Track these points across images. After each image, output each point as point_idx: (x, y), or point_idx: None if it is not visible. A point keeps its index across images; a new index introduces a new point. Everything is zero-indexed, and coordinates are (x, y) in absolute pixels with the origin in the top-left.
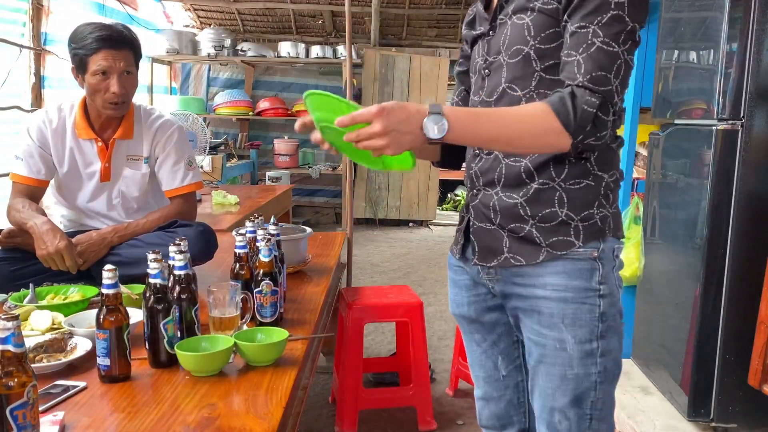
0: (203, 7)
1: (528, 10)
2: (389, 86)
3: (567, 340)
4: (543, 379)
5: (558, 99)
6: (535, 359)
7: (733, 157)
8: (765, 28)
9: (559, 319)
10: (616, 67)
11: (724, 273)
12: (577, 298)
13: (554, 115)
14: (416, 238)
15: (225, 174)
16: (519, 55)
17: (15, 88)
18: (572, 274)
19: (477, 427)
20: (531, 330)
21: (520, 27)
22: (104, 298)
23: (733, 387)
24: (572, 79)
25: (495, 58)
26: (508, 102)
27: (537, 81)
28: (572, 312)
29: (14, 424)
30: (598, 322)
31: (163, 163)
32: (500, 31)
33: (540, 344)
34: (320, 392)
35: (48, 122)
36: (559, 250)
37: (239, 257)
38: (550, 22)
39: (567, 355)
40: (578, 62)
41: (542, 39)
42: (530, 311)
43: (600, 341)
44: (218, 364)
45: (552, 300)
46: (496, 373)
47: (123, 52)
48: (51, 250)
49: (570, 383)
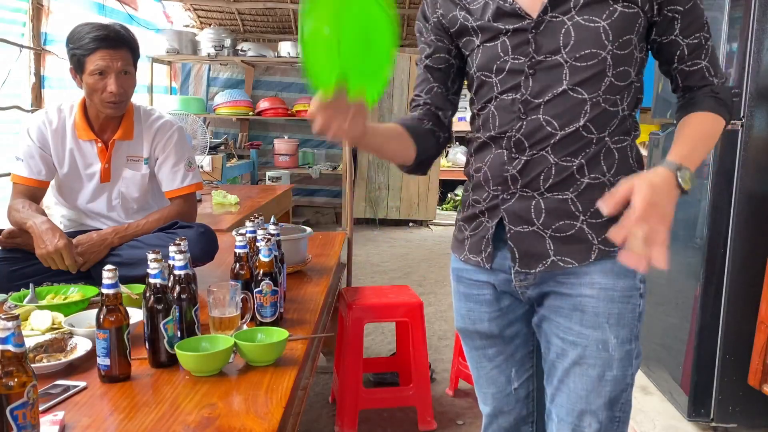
0: (203, 7)
1: (604, 13)
2: (389, 86)
3: (610, 341)
4: (576, 381)
5: (714, 101)
6: (571, 361)
7: (733, 157)
8: (765, 28)
9: (604, 319)
10: (716, 54)
11: (724, 273)
12: (623, 298)
13: (723, 120)
14: (416, 238)
15: (225, 174)
16: (594, 59)
17: (15, 88)
18: (620, 273)
19: (477, 427)
20: (567, 330)
21: (595, 30)
22: (104, 298)
23: (733, 387)
24: (708, 83)
25: (548, 57)
26: (569, 104)
27: (606, 86)
28: (618, 311)
29: (14, 424)
30: (637, 321)
31: (163, 164)
32: (553, 30)
33: (579, 345)
34: (320, 392)
35: (48, 123)
36: (611, 246)
37: (239, 257)
38: (629, 28)
39: (608, 356)
40: (707, 67)
41: (620, 45)
42: (571, 310)
43: (635, 342)
44: (218, 364)
45: (599, 299)
46: (507, 387)
47: (120, 52)
48: (50, 249)
49: (607, 385)
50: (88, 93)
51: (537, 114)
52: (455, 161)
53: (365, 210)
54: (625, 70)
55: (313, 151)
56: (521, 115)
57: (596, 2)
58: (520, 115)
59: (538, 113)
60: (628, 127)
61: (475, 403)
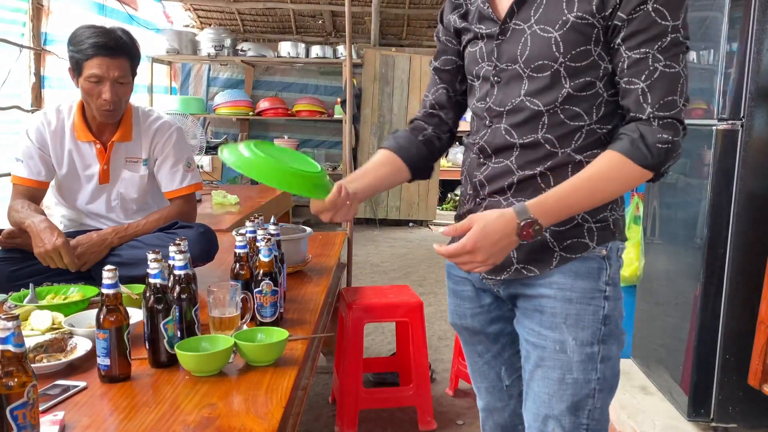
0: (203, 7)
1: (557, 24)
2: (389, 86)
3: (567, 342)
4: (539, 384)
5: (630, 144)
6: (533, 363)
7: (733, 157)
8: (765, 28)
9: (561, 320)
10: (680, 87)
11: (724, 273)
12: (582, 299)
13: (633, 162)
14: (416, 238)
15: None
16: (546, 70)
17: (15, 88)
18: (580, 273)
19: (477, 427)
20: (530, 332)
21: (546, 41)
22: (104, 298)
23: (733, 387)
24: (640, 111)
25: (509, 66)
26: (527, 115)
27: (564, 97)
28: (575, 312)
29: (14, 424)
30: (600, 324)
31: (162, 164)
32: (515, 38)
33: (539, 346)
34: (320, 392)
35: (47, 124)
36: (573, 253)
37: (239, 257)
38: (582, 39)
39: (567, 358)
40: (643, 91)
41: (573, 56)
42: (532, 311)
43: (601, 345)
44: (218, 364)
45: (556, 299)
46: (499, 383)
47: (118, 61)
48: (48, 247)
49: (568, 388)
50: (83, 97)
51: (500, 123)
52: (455, 161)
53: (365, 210)
54: (586, 81)
55: (313, 151)
56: (487, 123)
57: (553, 11)
58: (486, 122)
59: (501, 122)
60: (602, 141)
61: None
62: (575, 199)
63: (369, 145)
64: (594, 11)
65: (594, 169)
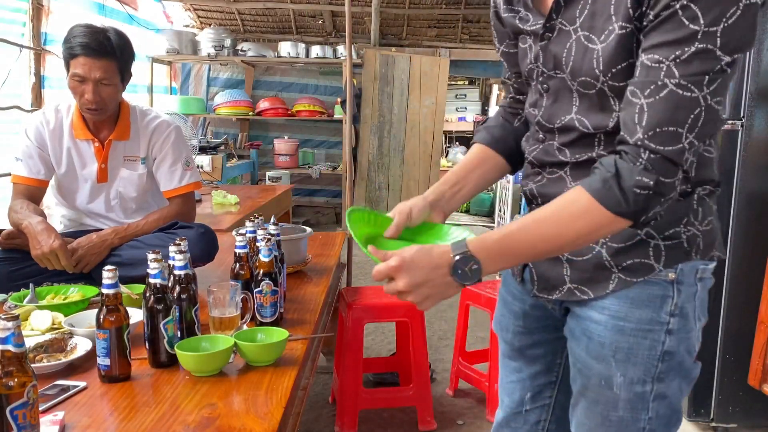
0: (203, 7)
1: (603, 33)
2: (389, 86)
3: (615, 378)
4: (583, 414)
5: (601, 184)
6: (578, 389)
7: (733, 157)
8: (765, 28)
9: (609, 352)
10: (692, 119)
11: (724, 273)
12: (637, 331)
13: (601, 206)
14: None
15: (225, 174)
16: (591, 88)
17: (15, 88)
18: (637, 301)
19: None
20: (577, 356)
21: (589, 54)
22: (104, 298)
23: (733, 387)
24: (629, 133)
25: (557, 74)
26: (579, 134)
27: (615, 122)
28: (627, 346)
29: (14, 424)
30: (657, 361)
31: (160, 163)
32: (561, 41)
33: (584, 375)
34: (320, 392)
35: (45, 123)
36: (634, 276)
37: (239, 257)
38: (624, 54)
39: (612, 395)
40: (641, 108)
41: (615, 75)
42: (580, 334)
43: (656, 384)
44: (218, 364)
45: (606, 328)
46: (520, 406)
47: (101, 62)
48: (45, 249)
49: (612, 427)
50: (71, 93)
51: (552, 140)
52: (455, 161)
53: None
54: None
55: (313, 151)
56: (540, 138)
57: (600, 16)
58: (538, 137)
59: (553, 139)
60: None
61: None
62: (522, 241)
63: (369, 145)
64: (631, 15)
65: (552, 208)
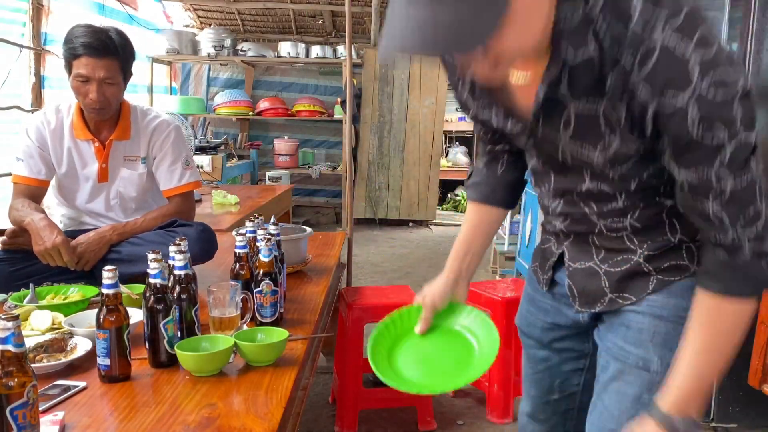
0: (203, 7)
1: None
2: (389, 86)
3: (652, 360)
4: (611, 398)
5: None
6: (610, 375)
7: None
8: (765, 28)
9: (648, 337)
10: (758, 194)
11: None
12: (674, 317)
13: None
14: (416, 238)
15: (225, 174)
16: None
17: (15, 88)
18: (674, 291)
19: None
20: (612, 345)
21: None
22: (104, 298)
23: (733, 387)
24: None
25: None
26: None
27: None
28: (665, 331)
29: (14, 424)
30: None
31: (160, 162)
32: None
33: (620, 360)
34: (320, 392)
35: (46, 123)
36: (671, 276)
37: (239, 257)
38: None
39: (649, 377)
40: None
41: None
42: (618, 325)
43: None
44: (218, 364)
45: (645, 315)
46: (548, 395)
47: (105, 61)
48: (48, 245)
49: (642, 408)
50: (74, 94)
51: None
52: (455, 161)
53: (365, 210)
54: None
55: (313, 151)
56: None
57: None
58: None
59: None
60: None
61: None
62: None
63: (369, 145)
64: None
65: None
